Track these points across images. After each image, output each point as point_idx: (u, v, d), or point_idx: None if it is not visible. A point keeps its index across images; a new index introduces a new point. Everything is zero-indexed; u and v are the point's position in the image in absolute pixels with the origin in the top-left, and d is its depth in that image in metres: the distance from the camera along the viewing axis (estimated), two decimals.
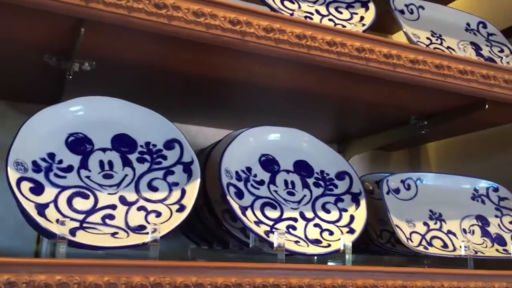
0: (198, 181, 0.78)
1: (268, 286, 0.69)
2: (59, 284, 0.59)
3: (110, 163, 0.77)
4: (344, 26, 0.94)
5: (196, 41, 0.75)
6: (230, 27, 0.75)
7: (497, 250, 0.97)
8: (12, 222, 1.02)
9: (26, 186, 0.68)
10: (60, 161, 0.74)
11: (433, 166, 1.51)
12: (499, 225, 1.02)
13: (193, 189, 0.77)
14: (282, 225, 0.83)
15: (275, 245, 0.76)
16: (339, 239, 0.82)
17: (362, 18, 0.97)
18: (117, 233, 0.69)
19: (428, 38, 1.05)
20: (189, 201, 0.75)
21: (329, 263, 0.91)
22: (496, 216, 1.04)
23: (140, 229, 0.71)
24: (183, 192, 0.77)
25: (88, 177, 0.74)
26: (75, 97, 0.80)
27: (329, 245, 0.82)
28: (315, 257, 0.96)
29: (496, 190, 1.07)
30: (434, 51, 0.92)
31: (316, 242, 0.83)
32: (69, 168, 0.74)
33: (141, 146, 0.81)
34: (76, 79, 0.85)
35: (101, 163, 0.76)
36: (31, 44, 0.79)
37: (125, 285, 0.62)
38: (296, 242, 0.81)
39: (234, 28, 0.75)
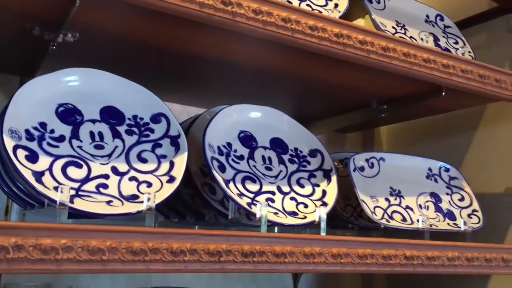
0: (186, 154, 0.81)
1: (255, 252, 0.74)
2: (64, 248, 0.61)
3: (100, 134, 0.79)
4: (320, 12, 0.99)
5: (189, 19, 0.77)
6: (222, 7, 0.78)
7: (448, 224, 1.07)
8: None
9: (21, 153, 0.69)
10: (52, 131, 0.75)
11: (385, 147, 1.61)
12: (449, 201, 1.13)
13: (181, 161, 0.80)
14: (261, 198, 0.88)
15: (258, 216, 0.81)
16: (314, 211, 0.89)
17: (336, 5, 1.03)
18: (111, 201, 0.72)
19: (393, 27, 1.13)
20: (179, 172, 0.79)
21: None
22: (447, 194, 1.14)
23: (133, 198, 0.74)
24: (172, 164, 0.80)
25: (80, 147, 0.76)
26: (53, 70, 0.80)
27: (305, 217, 0.88)
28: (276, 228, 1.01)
29: (447, 170, 1.18)
30: (403, 40, 0.99)
31: (293, 214, 0.88)
32: (61, 138, 0.75)
33: (129, 119, 0.83)
34: (56, 50, 0.85)
35: (92, 134, 0.78)
36: (17, 11, 0.78)
37: (125, 249, 0.65)
38: (275, 213, 0.87)
39: (226, 8, 0.78)
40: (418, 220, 1.01)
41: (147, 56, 0.96)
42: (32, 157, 0.70)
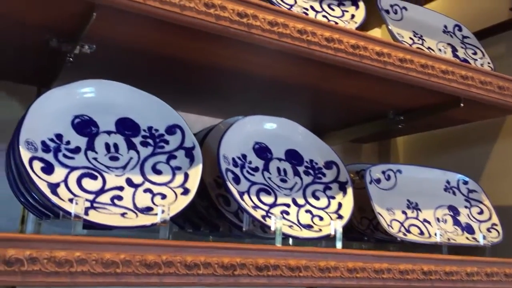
0: (201, 166, 0.81)
1: (269, 266, 0.73)
2: (78, 260, 0.61)
3: (116, 146, 0.79)
4: (336, 23, 0.99)
5: (205, 31, 0.77)
6: (238, 19, 0.78)
7: (467, 238, 1.05)
8: None
9: (37, 165, 0.69)
10: (68, 142, 0.75)
11: (401, 159, 1.59)
12: (468, 215, 1.11)
13: (196, 173, 0.80)
14: (276, 210, 0.88)
15: (272, 228, 0.80)
16: (329, 224, 0.88)
17: (353, 16, 1.02)
18: (126, 213, 0.72)
19: (410, 38, 1.12)
20: (193, 184, 0.78)
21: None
22: (466, 207, 1.12)
23: (147, 210, 0.74)
24: (186, 176, 0.80)
25: (95, 158, 0.76)
26: (69, 80, 0.81)
27: (320, 230, 0.87)
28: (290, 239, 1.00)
29: (466, 183, 1.16)
30: (421, 51, 0.98)
31: (308, 227, 0.87)
32: (77, 149, 0.75)
33: (144, 130, 0.83)
34: (73, 61, 0.85)
35: (107, 146, 0.78)
36: (36, 24, 0.79)
37: (139, 262, 0.64)
38: (290, 226, 0.86)
39: (241, 20, 0.78)
40: (435, 234, 0.99)
41: (164, 67, 0.96)
42: (48, 169, 0.71)
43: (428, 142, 1.49)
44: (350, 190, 0.96)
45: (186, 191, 0.78)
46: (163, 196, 0.77)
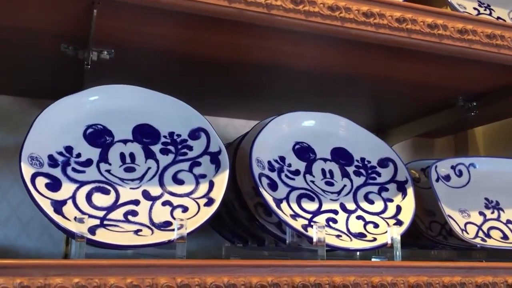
0: (227, 172, 0.71)
1: (309, 285, 0.62)
2: None
3: (132, 156, 0.71)
4: None
5: (218, 17, 0.68)
6: (254, 0, 0.68)
7: None
8: (38, 223, 0.98)
9: (41, 182, 0.63)
10: (78, 155, 0.69)
11: (482, 152, 1.40)
12: None
13: (222, 181, 0.70)
14: (321, 218, 0.76)
15: (314, 240, 0.69)
16: (386, 232, 0.74)
17: None
18: (140, 230, 0.64)
19: (475, 9, 0.96)
20: (218, 194, 0.69)
21: (373, 259, 0.83)
22: None
23: (165, 225, 0.65)
24: (211, 185, 0.71)
25: (108, 171, 0.69)
26: None
27: (374, 239, 0.74)
28: (358, 253, 0.89)
29: None
30: (485, 19, 0.83)
31: (360, 236, 0.75)
32: (88, 162, 0.68)
33: (165, 136, 0.75)
34: (95, 69, 0.80)
35: (122, 156, 0.71)
36: (46, 32, 0.74)
37: (150, 287, 0.56)
38: (338, 236, 0.73)
39: (259, 1, 0.68)
40: None
41: (191, 67, 0.88)
42: (54, 185, 0.64)
43: None
44: (410, 191, 0.81)
45: (210, 202, 0.68)
46: (184, 209, 0.68)
